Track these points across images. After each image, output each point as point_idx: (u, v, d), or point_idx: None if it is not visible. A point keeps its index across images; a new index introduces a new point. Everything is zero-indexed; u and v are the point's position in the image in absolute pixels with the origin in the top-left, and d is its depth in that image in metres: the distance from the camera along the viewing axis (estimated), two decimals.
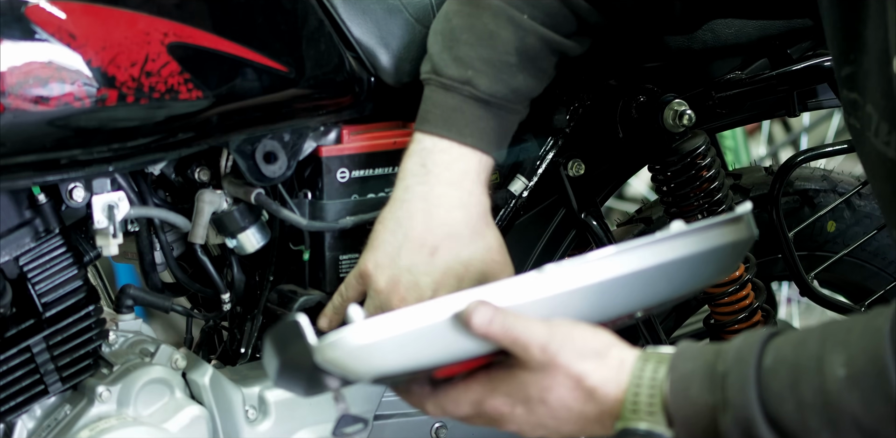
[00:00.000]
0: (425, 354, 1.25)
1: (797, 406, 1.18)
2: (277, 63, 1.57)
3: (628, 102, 1.86)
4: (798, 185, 2.13)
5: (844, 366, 1.17)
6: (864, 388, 1.16)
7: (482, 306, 1.24)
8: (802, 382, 1.18)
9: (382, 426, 1.71)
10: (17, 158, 1.44)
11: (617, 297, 1.32)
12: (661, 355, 1.27)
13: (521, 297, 1.27)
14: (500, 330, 1.25)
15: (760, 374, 1.21)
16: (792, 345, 1.21)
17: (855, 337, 1.18)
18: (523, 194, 1.82)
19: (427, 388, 1.32)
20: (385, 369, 1.25)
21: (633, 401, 1.25)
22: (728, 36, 1.87)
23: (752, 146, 4.12)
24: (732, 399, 1.21)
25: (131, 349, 1.64)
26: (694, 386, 1.23)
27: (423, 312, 1.24)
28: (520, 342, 1.26)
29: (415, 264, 1.51)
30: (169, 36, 1.49)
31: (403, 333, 1.23)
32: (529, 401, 1.28)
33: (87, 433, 1.54)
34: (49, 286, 1.55)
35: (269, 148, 1.61)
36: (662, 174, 1.89)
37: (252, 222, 1.66)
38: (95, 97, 1.44)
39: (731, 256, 1.38)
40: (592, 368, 1.26)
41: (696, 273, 1.35)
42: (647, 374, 1.25)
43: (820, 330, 1.22)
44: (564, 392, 1.27)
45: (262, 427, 1.63)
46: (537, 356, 1.26)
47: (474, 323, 1.24)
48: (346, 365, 1.23)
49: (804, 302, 3.30)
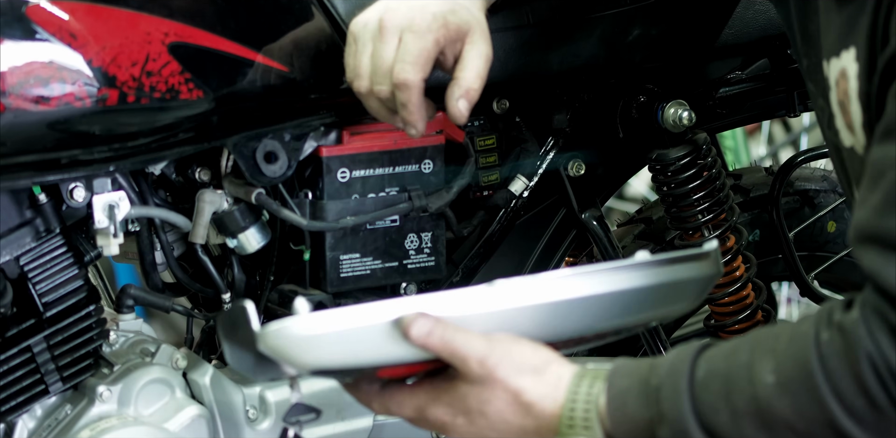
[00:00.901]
0: (364, 354, 1.26)
1: (731, 416, 1.19)
2: (278, 63, 1.58)
3: (628, 102, 1.86)
4: (798, 185, 2.13)
5: (773, 373, 1.18)
6: (794, 393, 1.16)
7: (422, 317, 1.25)
8: (734, 391, 1.19)
9: (382, 426, 1.71)
10: (18, 158, 1.44)
11: (566, 319, 1.31)
12: (597, 371, 1.28)
13: (467, 308, 1.28)
14: (439, 342, 1.26)
15: (693, 386, 1.21)
16: (723, 356, 1.22)
17: (782, 344, 1.19)
18: (523, 194, 1.82)
19: (375, 386, 1.33)
20: (323, 363, 1.26)
21: (569, 416, 1.26)
22: (728, 36, 1.87)
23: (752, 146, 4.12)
24: (667, 413, 1.22)
25: (132, 349, 1.64)
26: (630, 402, 1.24)
27: (367, 312, 1.25)
28: (458, 354, 1.27)
29: None
30: (170, 36, 1.49)
31: (343, 330, 1.24)
32: (470, 413, 1.29)
33: (88, 432, 1.54)
34: (50, 286, 1.55)
35: (270, 148, 1.61)
36: (662, 174, 1.89)
37: (252, 222, 1.66)
38: (96, 97, 1.44)
39: (692, 291, 1.37)
40: (530, 384, 1.27)
41: (652, 304, 1.35)
42: (583, 390, 1.26)
43: (750, 339, 1.23)
44: (503, 406, 1.28)
45: (262, 427, 1.64)
46: (476, 369, 1.27)
47: (412, 334, 1.25)
48: (285, 355, 1.25)
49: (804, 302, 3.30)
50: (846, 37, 1.25)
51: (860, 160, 1.26)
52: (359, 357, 1.27)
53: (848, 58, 1.24)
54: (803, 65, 1.40)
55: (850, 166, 1.32)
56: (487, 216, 1.83)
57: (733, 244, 1.93)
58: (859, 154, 1.26)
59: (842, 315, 1.17)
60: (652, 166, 1.89)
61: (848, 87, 1.25)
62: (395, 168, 1.70)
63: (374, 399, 1.34)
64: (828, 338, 1.16)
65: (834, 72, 1.27)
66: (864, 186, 1.19)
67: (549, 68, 1.75)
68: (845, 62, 1.25)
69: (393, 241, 1.71)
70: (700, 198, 1.88)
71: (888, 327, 1.13)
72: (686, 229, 1.91)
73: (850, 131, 1.27)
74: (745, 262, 1.95)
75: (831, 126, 1.33)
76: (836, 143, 1.34)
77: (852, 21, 1.24)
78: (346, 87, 1.63)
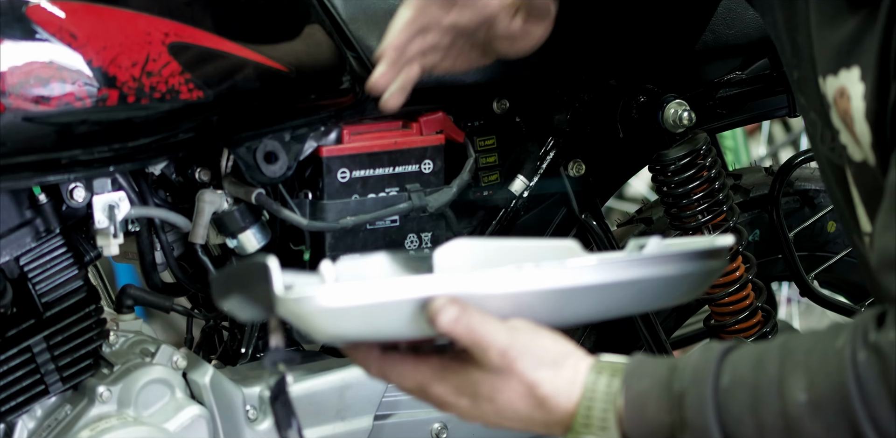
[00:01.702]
0: (385, 329, 1.24)
1: (757, 429, 1.18)
2: (278, 63, 1.57)
3: (628, 102, 1.86)
4: (798, 185, 2.13)
5: (806, 391, 1.16)
6: (827, 414, 1.15)
7: (451, 305, 1.23)
8: (762, 405, 1.18)
9: (382, 426, 1.71)
10: (18, 158, 1.44)
11: (582, 306, 1.31)
12: (615, 366, 1.26)
13: (493, 288, 1.26)
14: (464, 331, 1.24)
15: (718, 394, 1.20)
16: (750, 365, 1.21)
17: (815, 360, 1.17)
18: (523, 194, 1.82)
19: (376, 352, 1.30)
20: (342, 334, 1.25)
21: (585, 415, 1.24)
22: (728, 36, 1.87)
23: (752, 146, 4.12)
24: (691, 420, 1.20)
25: (132, 349, 1.64)
26: (650, 406, 1.22)
27: (395, 287, 1.23)
28: (481, 344, 1.25)
29: None
30: (170, 36, 1.49)
31: (370, 305, 1.22)
32: (477, 397, 1.27)
33: (88, 433, 1.54)
34: (49, 286, 1.55)
35: (270, 148, 1.61)
36: (662, 174, 1.89)
37: (252, 222, 1.66)
38: (96, 97, 1.44)
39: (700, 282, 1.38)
40: (547, 377, 1.25)
41: (664, 293, 1.35)
42: (601, 388, 1.25)
43: (779, 349, 1.21)
44: (515, 397, 1.26)
45: (262, 427, 1.63)
46: (495, 359, 1.25)
47: (440, 321, 1.22)
48: (306, 323, 1.22)
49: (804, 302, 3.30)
50: (847, 55, 1.23)
51: (873, 175, 1.24)
52: (378, 332, 1.25)
53: (849, 77, 1.23)
54: (793, 76, 1.39)
55: (860, 181, 1.29)
56: (487, 216, 1.83)
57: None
58: (872, 168, 1.25)
59: (877, 335, 1.15)
60: (652, 166, 1.89)
61: (850, 107, 1.23)
62: (395, 168, 1.70)
63: (374, 365, 1.31)
64: (864, 360, 1.14)
65: (831, 90, 1.25)
66: (885, 210, 1.17)
67: (549, 68, 1.75)
68: (844, 81, 1.23)
69: (393, 241, 1.71)
70: (700, 198, 1.88)
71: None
72: (686, 230, 1.91)
73: (858, 146, 1.26)
74: (745, 262, 1.95)
75: (825, 140, 1.31)
76: (829, 157, 1.32)
77: (855, 39, 1.22)
78: (346, 86, 1.64)
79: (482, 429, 1.74)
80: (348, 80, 1.64)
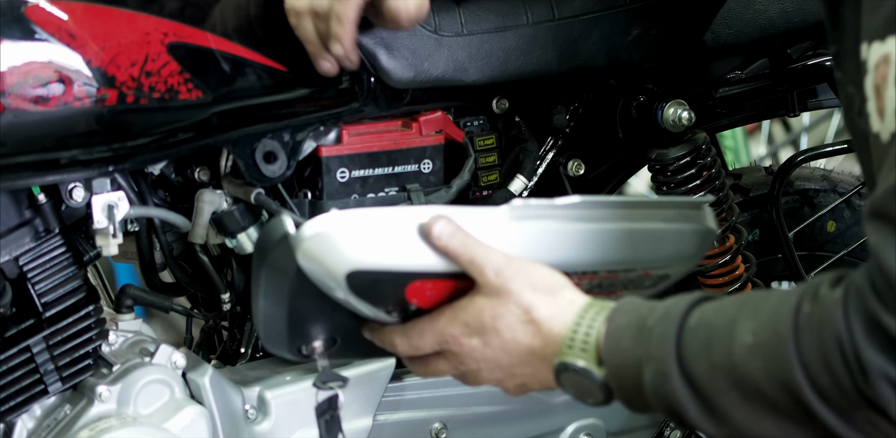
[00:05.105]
0: (397, 254, 1.34)
1: (709, 366, 1.24)
2: (277, 63, 1.58)
3: (628, 102, 1.86)
4: (798, 185, 2.13)
5: (752, 334, 1.22)
6: (765, 357, 1.20)
7: (443, 219, 1.34)
8: (714, 344, 1.24)
9: (382, 426, 1.71)
10: (17, 158, 1.44)
11: (565, 247, 1.40)
12: (605, 304, 1.34)
13: (488, 223, 1.37)
14: (460, 246, 1.34)
15: (682, 332, 1.26)
16: (715, 309, 1.27)
17: (766, 307, 1.23)
18: (523, 194, 1.82)
19: (398, 326, 1.41)
20: (361, 262, 1.33)
21: (570, 337, 1.33)
22: (728, 36, 1.87)
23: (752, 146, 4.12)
24: (654, 353, 1.27)
25: (131, 349, 1.64)
26: (625, 338, 1.30)
27: (399, 211, 1.36)
28: (476, 262, 1.35)
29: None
30: (169, 36, 1.49)
31: (379, 227, 1.33)
32: (484, 331, 1.36)
33: (87, 433, 1.54)
34: (49, 286, 1.55)
35: (269, 148, 1.61)
36: (662, 174, 1.89)
37: (252, 222, 1.66)
38: (95, 97, 1.44)
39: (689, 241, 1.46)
40: (542, 302, 1.35)
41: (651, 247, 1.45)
42: (589, 316, 1.33)
43: (742, 297, 1.27)
44: (514, 322, 1.35)
45: (262, 427, 1.63)
46: (491, 279, 1.35)
47: (434, 233, 1.34)
48: (324, 256, 1.32)
49: None
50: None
51: (882, 147, 1.26)
52: (392, 258, 1.34)
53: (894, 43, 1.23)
54: (832, 51, 1.41)
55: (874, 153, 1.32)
56: None
57: (733, 244, 1.92)
58: (883, 141, 1.26)
59: (827, 291, 1.19)
60: (652, 165, 1.89)
61: (888, 72, 1.24)
62: (395, 168, 1.70)
63: (397, 336, 1.40)
64: (808, 311, 1.19)
65: (875, 55, 1.26)
66: (885, 168, 1.20)
67: (549, 68, 1.75)
68: (890, 47, 1.24)
69: None
70: None
71: (865, 313, 1.15)
72: None
73: (880, 117, 1.26)
74: (745, 262, 1.95)
75: (861, 112, 1.32)
76: (864, 129, 1.33)
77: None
78: (345, 86, 1.64)
79: (482, 429, 1.75)
80: (348, 80, 1.64)
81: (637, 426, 1.88)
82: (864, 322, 1.15)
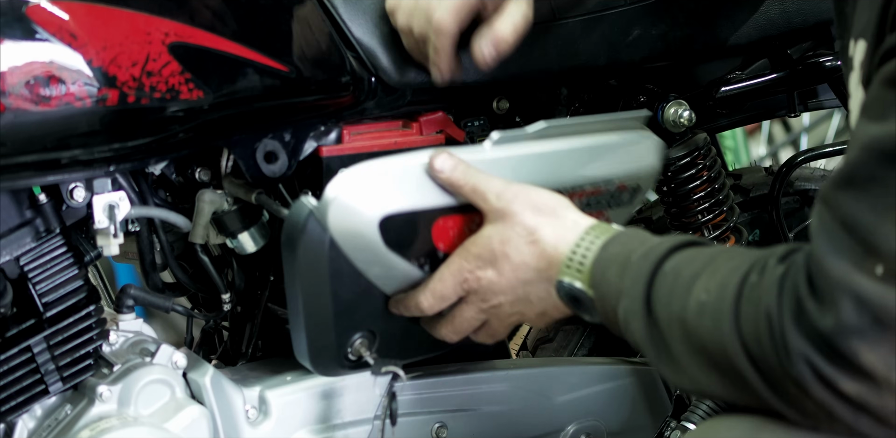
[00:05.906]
0: (416, 193, 1.46)
1: (668, 314, 1.28)
2: (278, 63, 1.58)
3: (628, 102, 1.86)
4: (798, 185, 2.13)
5: (706, 292, 1.25)
6: (710, 317, 1.23)
7: (443, 153, 1.45)
8: (676, 294, 1.28)
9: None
10: (18, 158, 1.44)
11: (553, 164, 1.54)
12: (607, 227, 1.40)
13: (474, 155, 1.49)
14: (462, 176, 1.44)
15: (655, 275, 1.30)
16: (690, 258, 1.31)
17: (726, 269, 1.25)
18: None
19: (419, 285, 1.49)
20: (388, 207, 1.45)
21: (569, 258, 1.39)
22: (728, 36, 1.87)
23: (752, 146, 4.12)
24: (627, 289, 1.32)
25: (132, 349, 1.64)
26: (611, 270, 1.35)
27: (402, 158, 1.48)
28: (479, 189, 1.44)
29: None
30: (170, 36, 1.49)
31: (393, 172, 1.46)
32: (495, 259, 1.43)
33: (88, 433, 1.54)
34: (50, 286, 1.55)
35: (270, 148, 1.61)
36: (662, 174, 1.89)
37: (252, 222, 1.66)
38: (96, 97, 1.44)
39: (645, 149, 1.64)
40: (545, 222, 1.41)
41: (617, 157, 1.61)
42: (588, 238, 1.39)
43: (716, 251, 1.30)
44: (521, 244, 1.41)
45: (262, 427, 1.63)
46: (493, 202, 1.43)
47: (436, 166, 1.44)
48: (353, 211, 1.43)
49: None
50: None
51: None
52: (412, 198, 1.46)
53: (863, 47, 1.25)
54: (837, 47, 1.43)
55: None
56: None
57: (733, 244, 1.92)
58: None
59: (773, 264, 1.22)
60: None
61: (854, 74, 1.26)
62: None
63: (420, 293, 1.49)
64: (753, 281, 1.22)
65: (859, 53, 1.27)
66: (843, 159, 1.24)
67: (549, 68, 1.75)
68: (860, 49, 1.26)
69: None
70: (700, 198, 1.88)
71: (795, 296, 1.17)
72: (686, 230, 1.91)
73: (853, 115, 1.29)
74: None
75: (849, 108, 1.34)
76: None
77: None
78: (345, 86, 1.63)
79: (482, 429, 1.75)
80: (348, 80, 1.64)
81: (637, 426, 1.88)
82: (792, 304, 1.17)
